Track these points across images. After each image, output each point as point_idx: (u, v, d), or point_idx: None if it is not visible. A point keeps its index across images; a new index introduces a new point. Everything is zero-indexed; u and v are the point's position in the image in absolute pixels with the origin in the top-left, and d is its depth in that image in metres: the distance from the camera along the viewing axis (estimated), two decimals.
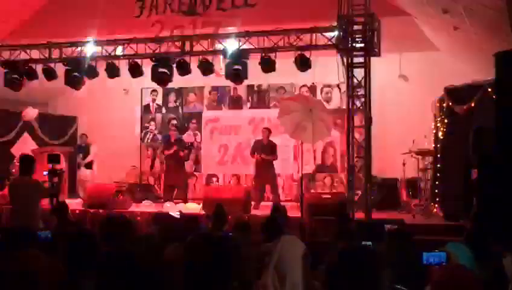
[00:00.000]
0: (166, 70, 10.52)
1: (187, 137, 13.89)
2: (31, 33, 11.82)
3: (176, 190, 12.18)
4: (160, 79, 10.67)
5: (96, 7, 11.28)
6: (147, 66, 10.79)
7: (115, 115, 14.32)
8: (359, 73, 9.46)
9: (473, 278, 2.60)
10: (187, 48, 10.51)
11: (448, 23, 9.34)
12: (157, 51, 10.66)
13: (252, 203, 11.17)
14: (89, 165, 13.46)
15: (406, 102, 12.16)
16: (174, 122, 14.43)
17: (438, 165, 10.52)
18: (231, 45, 10.25)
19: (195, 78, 11.07)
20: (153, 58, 10.58)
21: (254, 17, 10.94)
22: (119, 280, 2.54)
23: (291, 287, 4.96)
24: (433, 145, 10.90)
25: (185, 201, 11.91)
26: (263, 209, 10.60)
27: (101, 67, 10.98)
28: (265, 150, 11.70)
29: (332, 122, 11.09)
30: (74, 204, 11.66)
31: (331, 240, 6.12)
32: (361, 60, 9.44)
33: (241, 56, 10.11)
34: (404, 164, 11.27)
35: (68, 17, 11.72)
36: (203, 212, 10.33)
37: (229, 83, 11.53)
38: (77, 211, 11.02)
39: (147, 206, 12.22)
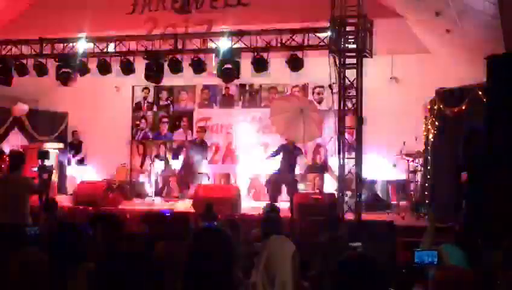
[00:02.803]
0: (157, 69, 10.50)
1: (177, 135, 13.87)
2: (22, 29, 11.73)
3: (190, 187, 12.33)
4: (153, 77, 10.64)
5: (89, 3, 11.23)
6: (138, 64, 10.76)
7: (105, 112, 14.24)
8: (351, 74, 9.46)
9: (472, 278, 2.61)
10: (179, 45, 10.49)
11: (440, 26, 9.38)
12: (149, 49, 10.64)
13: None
14: (80, 162, 13.44)
15: (397, 104, 12.18)
16: (166, 120, 14.42)
17: (428, 167, 10.56)
18: (223, 44, 10.23)
19: (187, 76, 11.05)
20: (145, 56, 10.56)
21: (247, 17, 10.93)
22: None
23: (281, 286, 4.96)
24: (424, 147, 10.94)
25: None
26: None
27: (93, 64, 10.92)
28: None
29: (324, 122, 11.10)
30: (63, 201, 11.61)
31: (321, 242, 6.13)
32: (353, 61, 9.44)
33: (233, 55, 10.10)
34: (394, 165, 11.30)
35: (60, 13, 11.66)
36: (193, 210, 10.30)
37: (220, 82, 11.51)
38: (66, 208, 10.97)
39: (137, 204, 12.19)
